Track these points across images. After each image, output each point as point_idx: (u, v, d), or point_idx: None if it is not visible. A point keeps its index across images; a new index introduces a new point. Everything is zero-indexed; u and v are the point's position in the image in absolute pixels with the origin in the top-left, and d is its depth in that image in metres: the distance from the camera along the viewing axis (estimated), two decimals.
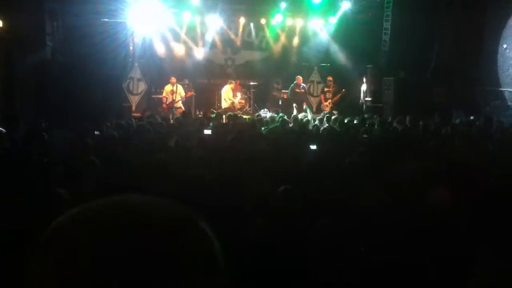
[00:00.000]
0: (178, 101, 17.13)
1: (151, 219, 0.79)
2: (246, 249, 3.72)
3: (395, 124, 12.13)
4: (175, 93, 17.13)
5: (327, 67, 20.42)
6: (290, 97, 18.14)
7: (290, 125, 12.29)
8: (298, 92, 18.03)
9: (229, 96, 18.09)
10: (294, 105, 17.68)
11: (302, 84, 18.29)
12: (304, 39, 20.46)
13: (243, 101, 18.26)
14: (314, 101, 20.35)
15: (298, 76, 18.36)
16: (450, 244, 3.79)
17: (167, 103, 17.13)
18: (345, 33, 19.36)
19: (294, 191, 4.21)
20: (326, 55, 20.33)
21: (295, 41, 20.49)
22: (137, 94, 18.63)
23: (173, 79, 17.22)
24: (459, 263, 3.32)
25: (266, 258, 3.57)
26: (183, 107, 17.17)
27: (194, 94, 18.17)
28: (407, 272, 3.53)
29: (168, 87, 17.26)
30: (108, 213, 0.80)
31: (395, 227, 4.14)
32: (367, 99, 18.20)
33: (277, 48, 20.57)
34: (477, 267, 3.04)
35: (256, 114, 15.62)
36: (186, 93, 17.54)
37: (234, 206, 4.38)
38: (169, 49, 19.37)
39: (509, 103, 15.16)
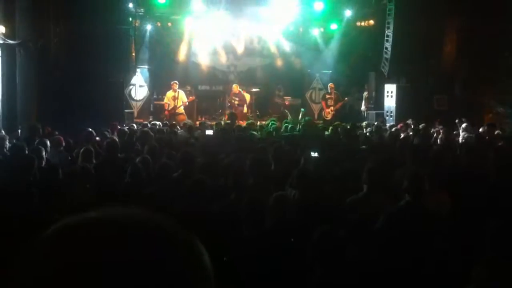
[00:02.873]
0: (180, 106, 17.12)
1: (128, 234, 0.79)
2: (245, 254, 3.72)
3: (395, 130, 12.16)
4: (177, 99, 17.12)
5: (328, 73, 20.44)
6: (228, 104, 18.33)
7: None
8: (233, 98, 18.18)
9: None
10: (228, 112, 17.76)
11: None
12: (306, 45, 20.47)
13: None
14: (315, 108, 20.38)
15: (234, 85, 18.47)
16: (449, 248, 3.79)
17: (169, 109, 17.13)
18: (347, 40, 19.41)
19: (287, 197, 4.22)
20: (327, 61, 20.34)
21: (297, 47, 20.51)
22: (139, 101, 18.68)
23: (175, 85, 17.22)
24: (458, 266, 3.32)
25: (265, 263, 3.57)
26: (184, 113, 17.18)
27: (196, 100, 18.17)
28: (407, 276, 3.53)
29: (170, 93, 17.24)
30: (91, 227, 0.80)
31: (394, 231, 4.14)
32: (368, 105, 18.23)
33: (279, 54, 20.61)
34: (476, 270, 3.04)
35: None
36: (188, 98, 17.57)
37: (234, 212, 4.38)
38: (171, 55, 19.43)
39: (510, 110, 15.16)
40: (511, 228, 3.41)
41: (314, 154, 7.74)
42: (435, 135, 11.89)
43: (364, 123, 14.43)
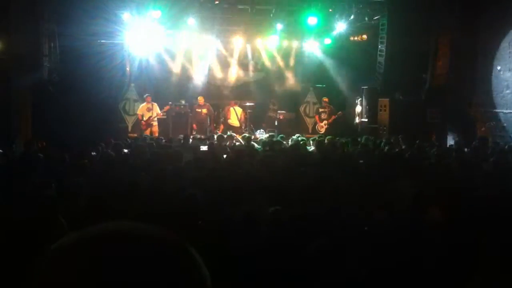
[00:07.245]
0: (155, 117, 17.18)
1: (140, 246, 0.80)
2: (239, 267, 3.71)
3: (389, 145, 12.18)
4: (152, 110, 17.22)
5: (322, 88, 20.50)
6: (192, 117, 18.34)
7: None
8: (198, 112, 18.19)
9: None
10: (194, 125, 17.92)
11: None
12: (300, 60, 20.57)
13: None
14: (309, 122, 20.41)
15: (199, 97, 18.49)
16: (446, 260, 3.80)
17: (145, 120, 17.13)
18: (340, 55, 19.51)
19: (283, 212, 4.23)
20: (321, 76, 20.41)
21: (291, 62, 20.61)
22: (133, 115, 18.67)
23: (149, 98, 17.37)
24: (455, 282, 3.33)
25: (261, 274, 3.56)
26: (157, 126, 17.24)
27: (191, 114, 18.11)
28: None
29: (144, 106, 17.32)
30: (100, 240, 0.81)
31: (391, 244, 4.14)
32: (362, 120, 18.29)
33: (273, 69, 20.68)
34: (472, 281, 3.05)
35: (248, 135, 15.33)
36: (164, 108, 17.54)
37: (227, 228, 4.38)
38: (165, 70, 19.46)
39: (504, 124, 15.22)
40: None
41: None
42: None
43: (360, 137, 14.43)
